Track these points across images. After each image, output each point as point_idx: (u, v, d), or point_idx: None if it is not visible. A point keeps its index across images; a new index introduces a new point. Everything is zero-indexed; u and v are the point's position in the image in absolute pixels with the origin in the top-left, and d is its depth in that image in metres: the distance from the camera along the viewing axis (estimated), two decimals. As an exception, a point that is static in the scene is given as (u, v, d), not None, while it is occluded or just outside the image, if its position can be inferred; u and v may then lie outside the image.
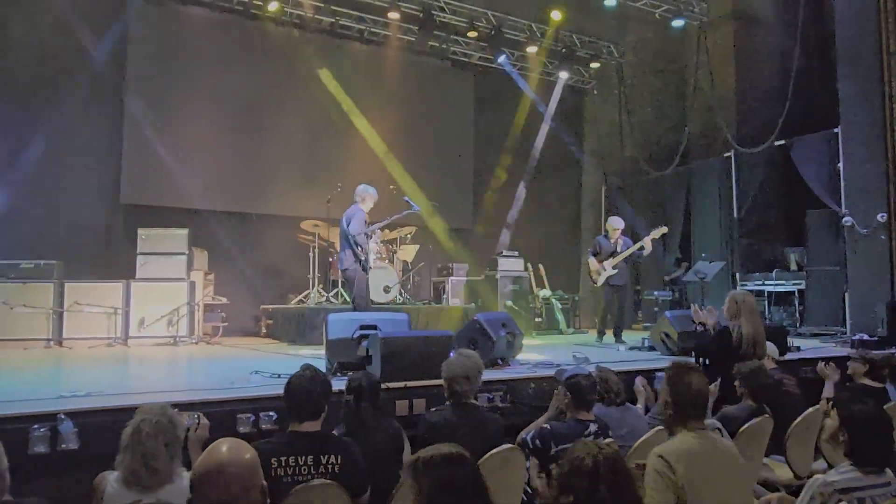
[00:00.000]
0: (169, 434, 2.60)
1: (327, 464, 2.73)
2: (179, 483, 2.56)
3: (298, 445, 2.74)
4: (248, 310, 9.94)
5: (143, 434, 2.56)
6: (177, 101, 9.77)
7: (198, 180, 9.57)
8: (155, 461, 2.54)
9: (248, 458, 1.74)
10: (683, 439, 2.54)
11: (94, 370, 6.00)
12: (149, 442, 2.55)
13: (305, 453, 2.72)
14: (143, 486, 2.52)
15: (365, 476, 2.87)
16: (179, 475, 2.60)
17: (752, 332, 4.67)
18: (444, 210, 11.15)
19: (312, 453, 2.73)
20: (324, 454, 2.74)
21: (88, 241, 9.04)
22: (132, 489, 2.51)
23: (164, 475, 2.56)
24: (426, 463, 1.98)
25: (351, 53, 11.28)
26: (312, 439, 2.80)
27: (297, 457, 2.70)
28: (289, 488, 2.57)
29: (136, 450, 2.54)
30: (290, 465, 2.70)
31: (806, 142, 9.67)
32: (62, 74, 8.96)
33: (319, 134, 10.56)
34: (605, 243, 8.47)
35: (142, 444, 2.55)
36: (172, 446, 2.60)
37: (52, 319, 7.74)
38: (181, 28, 9.93)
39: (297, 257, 9.84)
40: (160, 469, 2.54)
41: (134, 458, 2.53)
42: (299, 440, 2.78)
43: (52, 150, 8.93)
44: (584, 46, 12.43)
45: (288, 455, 2.69)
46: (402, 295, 9.64)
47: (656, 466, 2.40)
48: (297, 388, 2.87)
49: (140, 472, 2.53)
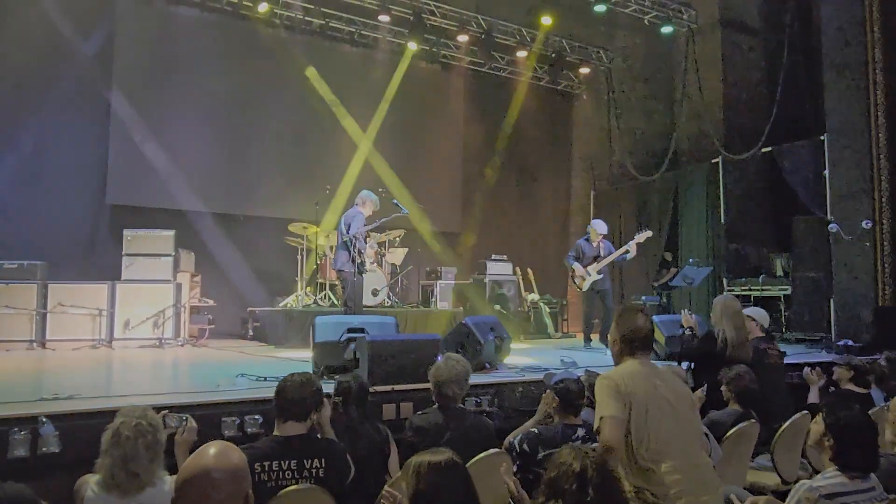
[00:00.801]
0: (149, 437, 2.57)
1: (311, 468, 2.72)
2: (161, 487, 2.55)
3: (282, 450, 2.72)
4: (234, 312, 9.87)
5: (122, 437, 2.54)
6: (164, 102, 9.69)
7: (185, 181, 9.50)
8: (135, 464, 2.51)
9: (235, 463, 1.70)
10: (627, 364, 2.85)
11: (78, 372, 5.92)
12: (128, 445, 2.52)
13: (289, 458, 2.69)
14: (123, 489, 2.50)
15: (348, 476, 2.86)
16: (161, 478, 2.57)
17: (735, 337, 4.70)
18: (433, 213, 11.15)
19: (296, 458, 2.70)
20: (307, 458, 2.72)
21: (73, 241, 8.93)
22: (112, 493, 2.49)
23: (145, 478, 2.53)
24: (425, 467, 1.98)
25: (341, 55, 11.25)
26: (296, 443, 2.77)
27: (281, 461, 2.68)
28: (272, 494, 2.54)
29: (116, 453, 2.52)
30: (273, 469, 2.67)
31: (792, 149, 9.76)
32: (48, 73, 8.88)
33: (308, 136, 10.52)
34: (587, 247, 8.34)
35: (121, 447, 2.52)
36: (153, 449, 2.57)
37: (36, 320, 7.63)
38: (169, 28, 9.85)
39: (284, 259, 9.78)
40: (140, 472, 2.52)
41: (114, 461, 2.51)
42: (283, 444, 2.76)
43: (38, 150, 8.85)
44: (573, 52, 12.48)
45: (271, 460, 2.67)
46: (390, 298, 9.61)
47: (603, 384, 2.73)
48: (288, 389, 2.87)
49: (120, 476, 2.50)
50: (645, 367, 2.85)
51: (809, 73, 10.29)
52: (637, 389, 2.70)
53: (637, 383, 2.73)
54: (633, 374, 2.78)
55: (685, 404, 2.85)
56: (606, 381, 2.74)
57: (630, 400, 2.66)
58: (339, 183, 10.35)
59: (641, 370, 2.81)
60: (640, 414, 2.66)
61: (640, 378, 2.76)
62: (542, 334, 10.39)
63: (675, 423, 2.70)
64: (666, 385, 2.81)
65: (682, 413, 2.78)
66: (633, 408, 2.66)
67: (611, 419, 2.63)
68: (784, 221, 10.17)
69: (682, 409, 2.80)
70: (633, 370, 2.81)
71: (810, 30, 10.40)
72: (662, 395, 2.75)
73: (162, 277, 8.15)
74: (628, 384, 2.71)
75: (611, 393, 2.69)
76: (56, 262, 8.10)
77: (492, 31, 11.45)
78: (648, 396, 2.71)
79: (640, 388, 2.71)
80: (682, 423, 2.75)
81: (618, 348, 2.94)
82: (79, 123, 9.17)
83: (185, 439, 2.99)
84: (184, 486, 1.66)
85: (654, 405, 2.70)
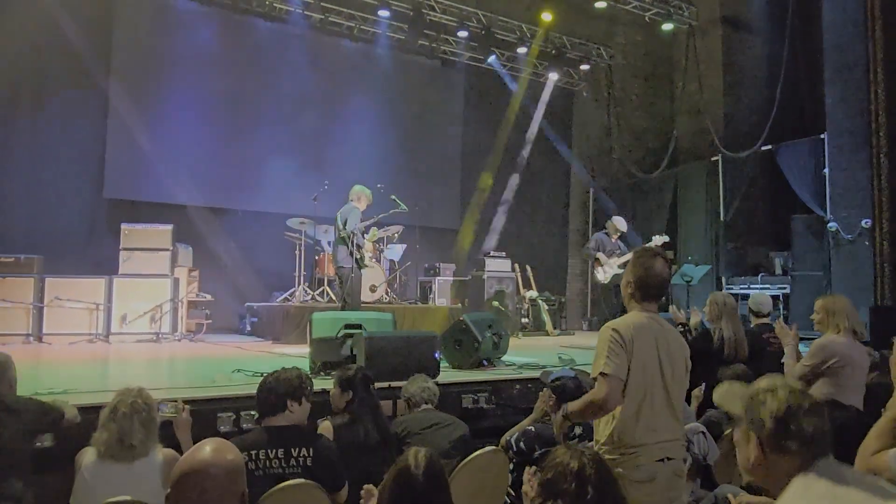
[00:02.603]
0: (144, 414, 2.81)
1: (298, 456, 2.77)
2: (153, 457, 2.82)
3: (269, 439, 2.80)
4: (232, 307, 9.85)
5: (119, 413, 2.79)
6: (162, 96, 9.65)
7: (183, 176, 9.47)
8: (130, 438, 2.76)
9: (231, 460, 1.71)
10: (634, 315, 2.73)
11: (74, 367, 5.90)
12: (125, 421, 2.77)
13: (276, 447, 2.76)
14: (118, 459, 2.75)
15: (340, 470, 2.90)
16: (154, 450, 2.83)
17: (733, 335, 4.69)
18: (432, 209, 11.12)
19: (283, 446, 2.77)
20: (294, 447, 2.78)
21: (71, 235, 8.91)
22: (107, 461, 2.75)
23: (140, 450, 2.78)
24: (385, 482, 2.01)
25: (340, 50, 11.21)
26: (284, 433, 2.84)
27: (268, 450, 2.75)
28: (260, 482, 2.60)
29: (113, 427, 2.77)
30: (260, 458, 2.74)
31: (792, 147, 9.74)
32: (46, 67, 8.85)
33: (306, 131, 10.48)
34: (608, 242, 8.42)
35: (118, 423, 2.77)
36: (147, 426, 2.82)
37: (32, 314, 7.61)
38: (168, 21, 9.81)
39: (282, 255, 9.75)
40: (136, 445, 2.77)
41: (111, 435, 2.76)
42: (271, 434, 2.83)
43: (35, 144, 8.82)
44: (573, 48, 12.44)
45: (259, 449, 2.74)
46: (388, 294, 9.59)
47: (610, 336, 2.59)
48: (263, 386, 2.98)
49: (115, 447, 2.76)
50: (653, 321, 2.72)
51: (810, 70, 10.26)
52: (641, 347, 2.59)
53: (643, 339, 2.61)
54: (641, 328, 2.65)
55: (680, 370, 2.74)
56: (613, 334, 2.60)
57: (632, 358, 2.57)
58: (337, 178, 10.33)
59: (649, 325, 2.68)
60: (637, 372, 2.57)
61: (646, 334, 2.64)
62: (540, 332, 10.38)
63: (663, 392, 2.63)
64: (668, 345, 2.70)
65: (675, 379, 2.69)
66: (631, 367, 2.57)
67: (612, 379, 2.52)
68: (783, 220, 10.16)
69: (677, 374, 2.70)
70: (640, 323, 2.68)
71: (811, 27, 10.36)
72: (663, 356, 2.65)
73: (159, 272, 8.13)
74: (634, 339, 2.59)
75: (615, 348, 2.56)
76: (53, 256, 8.07)
77: (492, 28, 11.41)
78: (648, 357, 2.61)
79: (643, 346, 2.60)
80: (672, 390, 2.67)
81: (629, 291, 2.79)
82: (76, 117, 9.12)
83: (185, 419, 3.17)
84: (180, 482, 1.66)
85: (652, 367, 2.61)
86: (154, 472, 2.78)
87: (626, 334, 2.59)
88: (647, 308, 2.75)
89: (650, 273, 2.74)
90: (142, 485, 2.69)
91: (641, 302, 2.76)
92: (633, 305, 2.79)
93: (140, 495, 2.53)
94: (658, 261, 2.77)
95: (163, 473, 2.77)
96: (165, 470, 2.76)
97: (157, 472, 2.79)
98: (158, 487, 2.72)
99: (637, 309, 2.76)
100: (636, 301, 2.77)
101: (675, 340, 2.77)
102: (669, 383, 2.66)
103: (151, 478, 2.76)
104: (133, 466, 2.76)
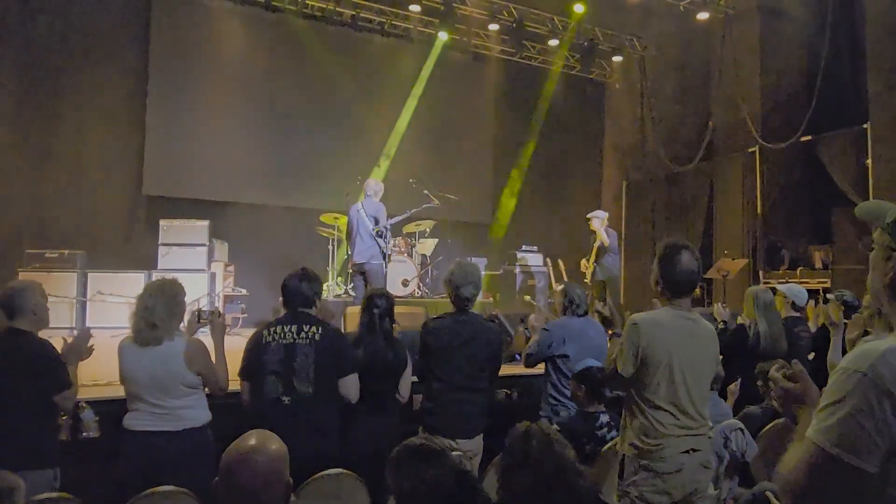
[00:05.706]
0: (168, 293, 3.14)
1: (309, 332, 3.26)
2: (179, 340, 3.11)
3: (287, 319, 3.33)
4: (267, 301, 9.96)
5: (146, 292, 3.14)
6: (199, 94, 9.85)
7: (219, 172, 9.66)
8: (153, 316, 3.03)
9: (275, 449, 1.77)
10: (659, 312, 2.73)
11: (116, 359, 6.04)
12: (149, 299, 3.08)
13: (291, 324, 3.29)
14: (145, 342, 3.04)
15: (348, 354, 3.35)
16: (179, 334, 3.15)
17: (769, 329, 4.60)
18: (464, 204, 11.09)
19: (297, 324, 3.29)
20: (307, 325, 3.28)
21: (111, 231, 9.17)
22: (137, 343, 3.08)
23: (163, 331, 3.05)
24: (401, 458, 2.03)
25: (371, 46, 11.26)
26: (300, 315, 3.33)
27: (285, 326, 3.29)
28: (269, 348, 3.21)
29: (140, 306, 3.08)
30: (276, 332, 3.27)
31: (833, 138, 9.49)
32: (86, 65, 9.07)
33: (339, 127, 10.57)
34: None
35: (143, 301, 3.09)
36: (171, 306, 3.12)
37: (76, 308, 7.84)
38: (204, 19, 10.00)
39: (316, 250, 9.86)
40: (158, 324, 3.03)
41: (139, 316, 3.07)
42: (288, 316, 3.35)
43: (77, 142, 9.06)
44: (606, 40, 12.29)
45: (276, 326, 3.30)
46: (420, 289, 9.63)
47: (628, 330, 2.64)
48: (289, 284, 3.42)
49: (142, 329, 3.04)
50: (679, 318, 2.66)
51: (851, 59, 9.97)
52: (659, 344, 2.58)
53: (663, 334, 2.60)
54: (663, 324, 2.62)
55: (704, 365, 2.70)
56: (632, 329, 2.62)
57: (645, 354, 2.57)
58: (369, 174, 10.38)
59: (674, 323, 2.64)
60: (654, 367, 2.57)
61: (668, 332, 2.61)
62: (572, 326, 10.29)
63: (685, 387, 2.60)
64: (696, 340, 2.67)
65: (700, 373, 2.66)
66: (649, 362, 2.57)
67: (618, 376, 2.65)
68: (824, 213, 9.91)
69: (701, 368, 2.67)
70: (662, 319, 2.65)
71: (852, 15, 10.06)
72: (688, 350, 2.61)
73: (197, 267, 8.28)
74: (651, 337, 2.59)
75: (629, 345, 2.60)
76: (95, 252, 8.29)
77: (523, 20, 11.34)
78: (671, 351, 2.58)
79: (664, 343, 2.58)
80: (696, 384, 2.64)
81: (658, 289, 2.73)
82: (116, 115, 9.36)
83: (220, 323, 3.46)
84: (227, 471, 1.71)
85: (676, 362, 2.58)
86: (178, 355, 3.07)
87: (643, 328, 2.60)
88: (678, 304, 2.69)
89: (677, 268, 2.65)
90: (169, 364, 3.04)
91: (672, 299, 2.69)
92: (663, 303, 2.75)
93: (164, 374, 3.04)
94: (684, 254, 2.67)
95: (186, 355, 3.09)
96: (189, 352, 3.11)
97: (181, 354, 3.07)
98: (182, 368, 3.07)
99: (667, 307, 2.71)
100: (666, 299, 2.71)
101: (704, 335, 2.73)
102: (693, 377, 2.63)
103: (175, 360, 3.06)
104: (160, 349, 3.04)
